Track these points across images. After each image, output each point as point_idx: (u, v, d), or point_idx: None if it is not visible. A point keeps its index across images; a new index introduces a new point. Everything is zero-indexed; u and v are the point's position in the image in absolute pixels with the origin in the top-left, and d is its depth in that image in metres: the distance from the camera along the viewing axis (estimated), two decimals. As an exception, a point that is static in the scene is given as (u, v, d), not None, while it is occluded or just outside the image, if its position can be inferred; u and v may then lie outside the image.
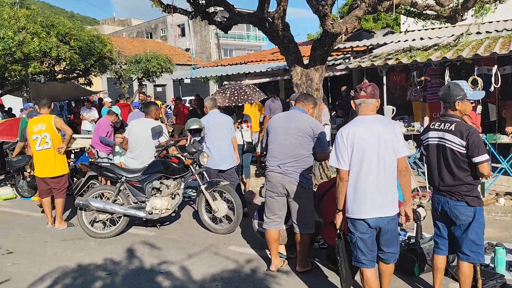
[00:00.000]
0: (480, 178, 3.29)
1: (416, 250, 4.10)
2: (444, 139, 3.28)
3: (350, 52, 10.77)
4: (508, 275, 3.93)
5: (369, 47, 10.64)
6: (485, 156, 3.16)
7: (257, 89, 8.05)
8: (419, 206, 4.68)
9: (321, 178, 7.54)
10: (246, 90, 7.69)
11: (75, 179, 7.52)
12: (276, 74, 11.94)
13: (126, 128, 6.37)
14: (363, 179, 3.12)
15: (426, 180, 6.75)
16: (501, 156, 6.55)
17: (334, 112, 10.76)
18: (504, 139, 6.91)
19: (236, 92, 7.60)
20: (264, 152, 4.32)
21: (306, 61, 7.42)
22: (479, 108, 7.19)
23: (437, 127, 3.37)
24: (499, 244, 4.14)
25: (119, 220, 5.51)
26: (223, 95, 7.66)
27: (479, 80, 7.08)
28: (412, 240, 4.52)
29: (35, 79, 13.11)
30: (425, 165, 3.62)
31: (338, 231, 3.39)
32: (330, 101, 10.86)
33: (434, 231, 3.55)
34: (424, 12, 7.26)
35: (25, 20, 10.04)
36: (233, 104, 7.45)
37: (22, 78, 11.32)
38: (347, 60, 10.33)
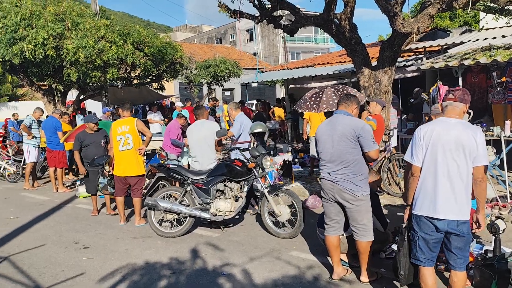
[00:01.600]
0: None
1: (494, 265, 3.76)
2: None
3: (422, 53, 10.24)
4: None
5: (444, 46, 10.02)
6: None
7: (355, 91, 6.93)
8: (497, 217, 4.30)
9: (389, 185, 7.24)
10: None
11: (146, 179, 7.91)
12: (344, 77, 11.69)
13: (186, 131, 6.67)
14: (434, 179, 3.13)
15: (507, 189, 6.21)
16: None
17: (405, 116, 10.28)
18: None
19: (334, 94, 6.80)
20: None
21: (374, 63, 7.17)
22: None
23: None
24: None
25: (185, 221, 5.68)
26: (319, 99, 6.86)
27: None
28: (490, 255, 4.16)
29: (113, 85, 14.01)
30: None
31: (404, 226, 3.36)
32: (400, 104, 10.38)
33: None
34: (506, 7, 6.69)
35: (104, 30, 10.74)
36: (306, 111, 7.19)
37: (101, 83, 12.15)
38: (419, 61, 9.83)
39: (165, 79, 15.17)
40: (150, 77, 14.42)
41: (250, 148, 5.75)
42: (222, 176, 5.63)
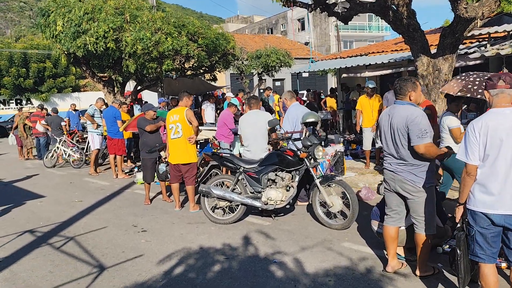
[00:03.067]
0: None
1: None
2: None
3: (487, 39, 9.64)
4: None
5: (510, 32, 9.38)
6: None
7: None
8: None
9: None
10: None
11: (200, 168, 8.12)
12: (400, 65, 11.30)
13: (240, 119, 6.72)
14: (493, 174, 2.94)
15: None
16: None
17: (466, 106, 9.77)
18: None
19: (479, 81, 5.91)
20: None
21: (433, 51, 6.86)
22: None
23: None
24: None
25: (237, 208, 5.78)
26: (460, 81, 6.04)
27: None
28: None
29: (168, 76, 14.44)
30: None
31: (459, 224, 3.20)
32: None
33: None
34: None
35: (160, 22, 11.06)
36: (468, 95, 5.90)
37: (157, 74, 12.56)
38: (482, 48, 9.28)
39: (217, 69, 15.41)
40: (203, 68, 14.71)
41: (302, 138, 5.73)
42: (274, 165, 5.66)
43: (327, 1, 7.79)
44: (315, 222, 5.62)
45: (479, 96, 5.57)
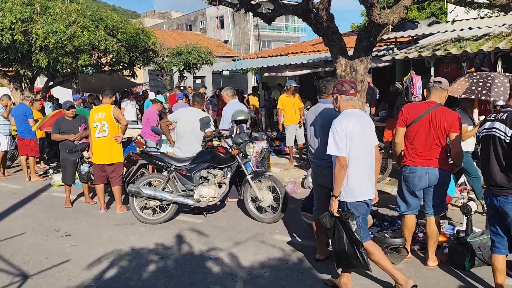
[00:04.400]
0: None
1: (467, 244, 4.03)
2: (495, 128, 3.17)
3: (394, 43, 10.54)
4: None
5: (414, 37, 10.36)
6: None
7: None
8: (469, 199, 4.59)
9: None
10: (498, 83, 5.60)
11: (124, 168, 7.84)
12: (317, 66, 11.87)
13: (174, 113, 6.59)
14: (360, 166, 3.52)
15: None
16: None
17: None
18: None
19: (482, 82, 5.69)
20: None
21: (349, 52, 7.34)
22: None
23: (493, 118, 3.26)
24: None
25: (168, 207, 5.71)
26: (464, 82, 5.90)
27: (535, 71, 6.76)
28: (462, 234, 4.45)
29: (83, 71, 13.65)
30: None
31: (338, 214, 3.48)
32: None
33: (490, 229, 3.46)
34: (476, 0, 7.00)
35: (75, 14, 10.43)
36: (472, 96, 5.68)
37: (72, 70, 11.83)
38: (391, 51, 10.12)
39: (137, 66, 14.92)
40: (121, 64, 14.14)
41: (233, 136, 5.83)
42: (206, 162, 5.68)
43: (251, 2, 7.95)
44: (246, 217, 5.75)
45: (483, 98, 5.51)
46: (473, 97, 5.62)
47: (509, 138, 3.05)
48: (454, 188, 5.36)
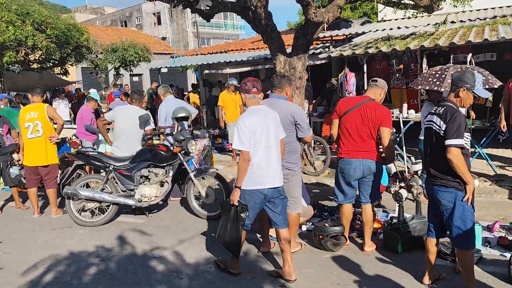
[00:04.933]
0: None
1: (399, 229, 4.32)
2: (433, 122, 3.35)
3: (329, 41, 10.94)
4: (484, 250, 4.20)
5: (348, 36, 10.83)
6: (457, 141, 3.10)
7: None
8: (401, 187, 4.91)
9: (305, 165, 7.74)
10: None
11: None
12: (257, 63, 12.02)
13: (111, 111, 6.38)
14: (261, 159, 3.71)
15: (405, 164, 7.02)
16: (475, 140, 6.87)
17: (314, 101, 10.92)
18: (476, 123, 7.20)
19: (439, 73, 5.89)
20: None
21: (288, 50, 7.53)
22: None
23: (433, 111, 3.42)
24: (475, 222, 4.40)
25: (108, 209, 5.54)
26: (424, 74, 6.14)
27: (455, 67, 7.34)
28: (395, 220, 4.75)
29: (9, 69, 12.79)
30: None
31: (235, 203, 3.69)
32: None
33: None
34: (402, 1, 7.46)
35: (-1, 8, 9.78)
36: (427, 87, 5.91)
37: (-4, 67, 11.07)
38: (327, 49, 10.50)
39: (69, 63, 14.24)
40: (52, 61, 13.44)
41: (174, 133, 5.77)
42: (146, 161, 5.57)
43: (189, -2, 7.89)
44: (190, 215, 5.72)
45: (435, 88, 5.69)
46: (427, 87, 5.88)
47: (442, 132, 3.22)
48: (387, 177, 5.70)
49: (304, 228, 4.97)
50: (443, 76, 5.76)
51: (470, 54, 7.48)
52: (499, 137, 6.94)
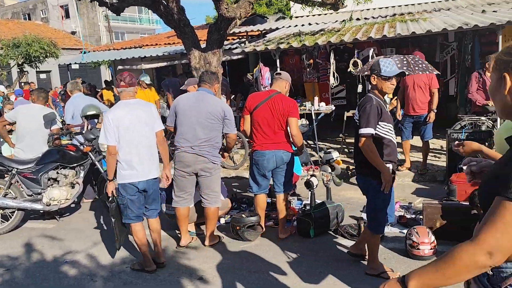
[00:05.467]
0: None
1: (311, 215, 4.56)
2: (355, 113, 3.48)
3: (245, 37, 11.10)
4: (385, 228, 4.59)
5: (263, 31, 11.08)
6: (366, 130, 3.21)
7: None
8: (312, 176, 5.17)
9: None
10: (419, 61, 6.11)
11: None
12: (174, 58, 11.84)
13: (12, 111, 5.94)
14: (130, 152, 3.77)
15: (318, 153, 7.41)
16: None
17: (233, 95, 11.05)
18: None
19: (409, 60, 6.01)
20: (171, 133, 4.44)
21: (203, 45, 7.53)
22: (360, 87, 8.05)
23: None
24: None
25: (12, 215, 5.16)
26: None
27: (359, 62, 7.89)
28: (308, 207, 5.01)
29: None
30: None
31: (111, 197, 3.82)
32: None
33: None
34: (310, -2, 7.80)
35: None
36: (361, 73, 6.28)
37: None
38: (242, 45, 10.65)
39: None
40: None
41: (83, 132, 5.51)
42: (54, 163, 5.27)
43: (96, -10, 7.53)
44: (105, 217, 5.51)
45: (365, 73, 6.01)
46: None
47: (357, 122, 3.34)
48: (300, 167, 5.97)
49: (222, 221, 5.05)
50: (413, 62, 5.96)
51: (372, 49, 8.06)
52: (399, 126, 7.57)
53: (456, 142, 2.14)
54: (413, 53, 6.72)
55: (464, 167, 1.77)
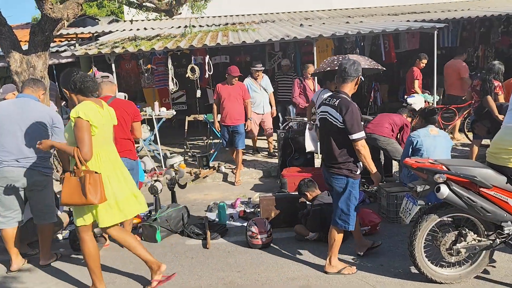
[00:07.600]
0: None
1: (157, 219, 4.58)
2: (328, 113, 3.47)
3: (75, 39, 10.39)
4: (228, 223, 4.91)
5: (95, 34, 10.52)
6: (361, 134, 3.32)
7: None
8: (156, 181, 5.19)
9: (57, 171, 7.20)
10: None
11: None
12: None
13: None
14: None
15: (161, 160, 7.41)
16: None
17: (64, 103, 10.22)
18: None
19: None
20: None
21: (25, 47, 6.80)
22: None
23: (326, 102, 3.56)
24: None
25: None
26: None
27: (196, 68, 8.17)
28: (153, 212, 5.00)
29: None
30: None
31: None
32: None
33: None
34: (144, 4, 7.76)
35: None
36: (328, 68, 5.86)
37: None
38: (72, 47, 9.93)
39: None
40: None
41: None
42: None
43: None
44: None
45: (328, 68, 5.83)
46: (317, 71, 6.22)
47: (341, 123, 3.35)
48: (143, 173, 5.91)
49: (60, 237, 4.69)
50: (335, 63, 6.02)
51: (208, 56, 8.44)
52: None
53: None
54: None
55: None
